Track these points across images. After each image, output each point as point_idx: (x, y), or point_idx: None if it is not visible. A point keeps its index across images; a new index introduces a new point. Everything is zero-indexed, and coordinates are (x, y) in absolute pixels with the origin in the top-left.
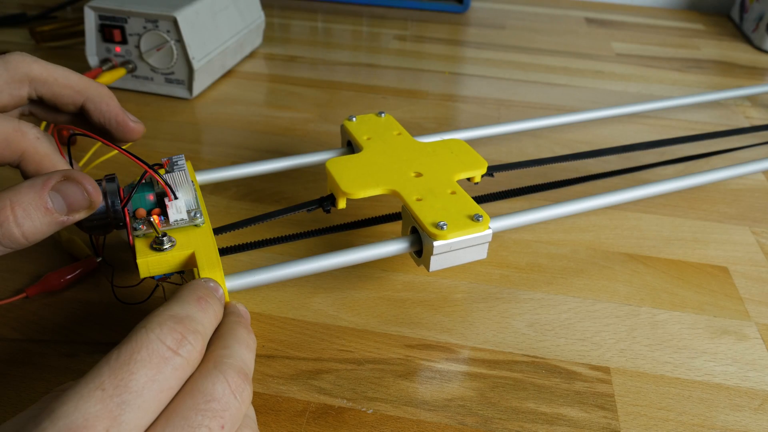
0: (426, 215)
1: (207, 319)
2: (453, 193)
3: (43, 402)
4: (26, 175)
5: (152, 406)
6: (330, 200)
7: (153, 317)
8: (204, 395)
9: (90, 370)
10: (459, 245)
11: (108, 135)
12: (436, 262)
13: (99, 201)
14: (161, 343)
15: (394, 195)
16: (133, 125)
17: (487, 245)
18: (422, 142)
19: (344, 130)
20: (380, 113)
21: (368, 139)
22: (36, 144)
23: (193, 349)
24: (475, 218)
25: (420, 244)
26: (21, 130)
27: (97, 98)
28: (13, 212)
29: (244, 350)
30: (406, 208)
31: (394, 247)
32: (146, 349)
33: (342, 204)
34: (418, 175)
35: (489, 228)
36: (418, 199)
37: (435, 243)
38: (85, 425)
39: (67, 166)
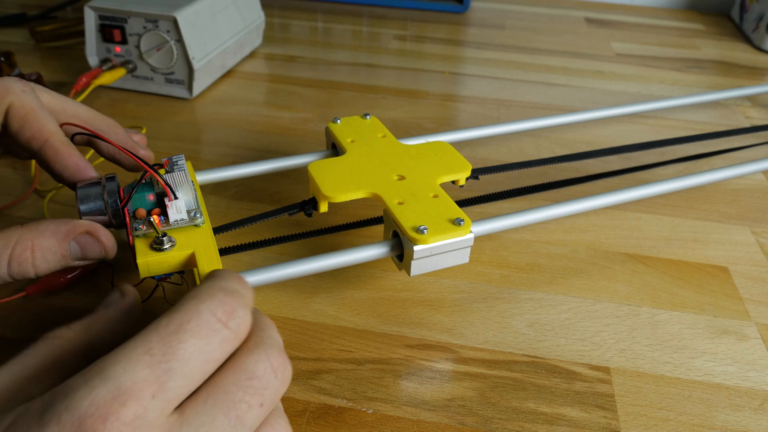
0: (407, 219)
1: (250, 296)
2: (435, 196)
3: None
4: (11, 131)
5: (197, 375)
6: (312, 204)
7: (203, 289)
8: (246, 372)
9: (136, 334)
10: (440, 249)
11: (118, 164)
12: (417, 267)
13: (113, 253)
14: (212, 314)
15: (376, 198)
16: (144, 153)
17: (469, 249)
18: (406, 144)
19: (328, 133)
20: (365, 115)
21: (352, 141)
22: (22, 97)
23: (242, 323)
24: (457, 222)
25: (401, 248)
26: (6, 85)
27: (105, 128)
28: (33, 254)
29: (276, 333)
30: (387, 211)
31: (375, 251)
32: (196, 319)
33: (324, 208)
34: (401, 178)
35: (471, 232)
36: (400, 203)
37: (415, 247)
38: (133, 389)
39: (52, 123)
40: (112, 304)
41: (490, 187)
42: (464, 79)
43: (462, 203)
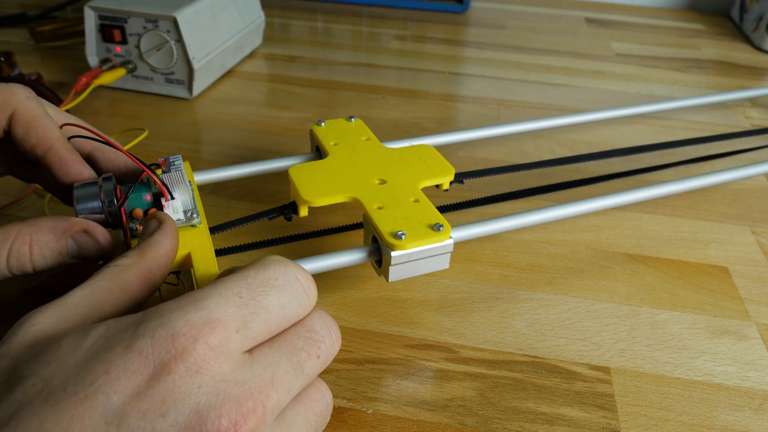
0: (385, 224)
1: None
2: (416, 201)
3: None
4: (15, 137)
5: (272, 327)
6: (292, 208)
7: (282, 259)
8: (306, 326)
9: (225, 279)
10: (418, 255)
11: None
12: (395, 273)
13: (109, 254)
14: (297, 279)
15: (355, 203)
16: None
17: (448, 255)
18: (390, 147)
19: (312, 135)
20: (350, 118)
21: (335, 144)
22: (26, 103)
23: (315, 296)
24: (436, 228)
25: (380, 253)
26: (10, 91)
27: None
28: (31, 249)
29: None
30: (366, 216)
31: (354, 256)
32: (283, 278)
33: (303, 212)
34: (382, 182)
35: (450, 238)
36: (379, 208)
37: (393, 253)
38: (222, 320)
39: (56, 129)
40: (154, 230)
41: (491, 188)
42: (464, 79)
43: (461, 205)
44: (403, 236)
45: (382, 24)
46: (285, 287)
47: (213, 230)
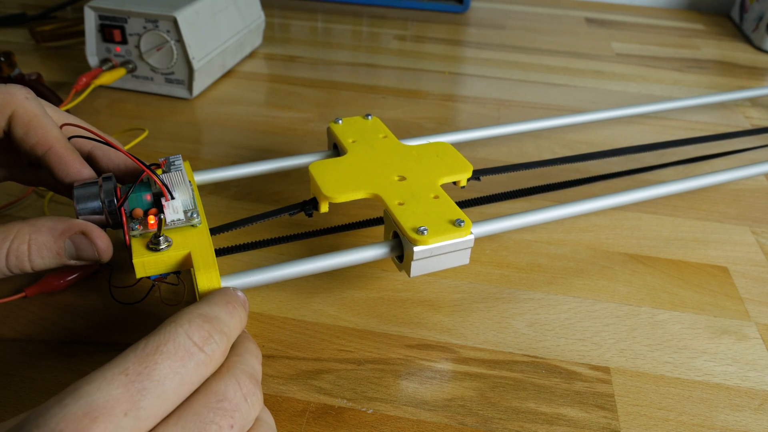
0: (407, 220)
1: (233, 323)
2: (436, 197)
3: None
4: (15, 137)
5: (171, 397)
6: (312, 204)
7: (183, 314)
8: (216, 395)
9: (116, 357)
10: (440, 251)
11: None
12: (417, 268)
13: (107, 258)
14: (188, 338)
15: (376, 199)
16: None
17: (469, 251)
18: (408, 145)
19: (330, 133)
20: (367, 116)
21: (353, 142)
22: (25, 104)
23: (217, 348)
24: (457, 223)
25: (401, 249)
26: (9, 92)
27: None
28: (29, 249)
29: (254, 360)
30: (387, 212)
31: (375, 252)
32: (173, 342)
33: (324, 208)
34: (402, 178)
35: (471, 233)
36: (400, 204)
37: (415, 248)
38: (106, 406)
39: (55, 129)
40: None
41: (491, 187)
42: (464, 79)
43: (463, 204)
44: (425, 231)
45: (382, 24)
46: (176, 350)
47: (230, 226)
